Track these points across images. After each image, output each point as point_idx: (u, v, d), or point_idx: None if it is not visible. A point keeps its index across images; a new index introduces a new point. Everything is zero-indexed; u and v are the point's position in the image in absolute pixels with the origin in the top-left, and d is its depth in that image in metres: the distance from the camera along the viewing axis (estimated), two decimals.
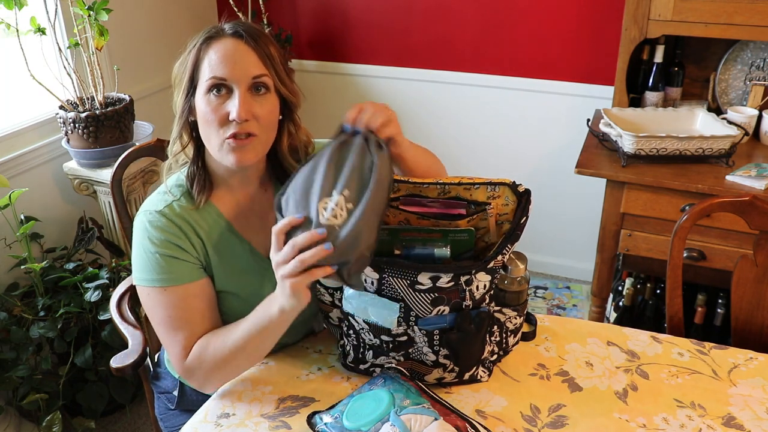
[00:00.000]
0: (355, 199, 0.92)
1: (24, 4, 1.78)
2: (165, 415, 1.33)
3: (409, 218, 1.08)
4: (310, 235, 0.89)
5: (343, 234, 0.90)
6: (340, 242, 0.89)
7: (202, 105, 1.03)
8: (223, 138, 1.03)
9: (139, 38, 2.44)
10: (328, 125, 3.13)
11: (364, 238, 0.91)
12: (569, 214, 2.71)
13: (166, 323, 1.06)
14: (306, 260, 0.89)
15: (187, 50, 1.05)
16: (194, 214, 1.10)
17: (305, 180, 0.95)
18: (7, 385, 1.82)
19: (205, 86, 1.02)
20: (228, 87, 1.02)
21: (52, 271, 1.93)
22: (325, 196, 0.92)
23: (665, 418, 1.03)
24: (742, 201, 1.30)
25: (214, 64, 1.01)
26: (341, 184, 0.93)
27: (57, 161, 2.13)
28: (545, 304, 2.68)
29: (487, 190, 1.08)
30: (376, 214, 0.93)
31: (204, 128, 1.04)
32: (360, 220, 0.90)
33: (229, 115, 1.01)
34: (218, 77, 1.01)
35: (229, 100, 1.02)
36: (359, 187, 0.93)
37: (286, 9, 2.78)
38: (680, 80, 2.13)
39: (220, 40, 1.03)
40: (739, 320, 1.38)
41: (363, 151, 0.97)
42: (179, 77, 1.06)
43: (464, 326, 1.01)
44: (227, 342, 1.03)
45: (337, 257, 0.90)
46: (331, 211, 0.91)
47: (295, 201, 0.94)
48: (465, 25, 2.55)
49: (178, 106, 1.07)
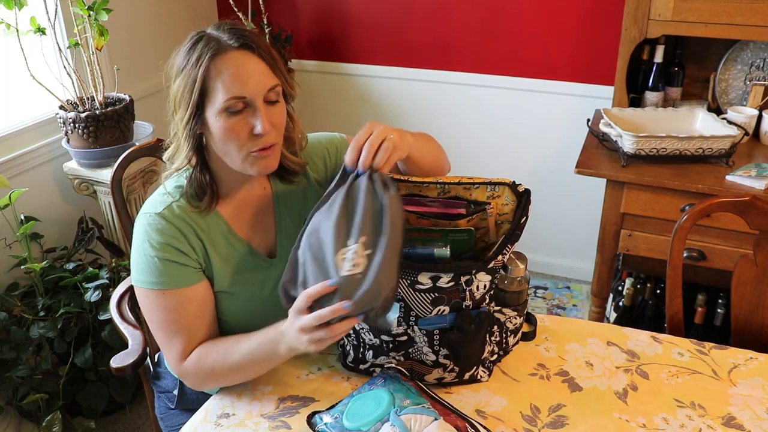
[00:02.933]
0: (372, 244, 0.92)
1: (24, 4, 1.78)
2: (165, 414, 1.33)
3: (409, 218, 1.08)
4: (332, 311, 0.89)
5: (366, 284, 0.89)
6: (363, 292, 0.89)
7: (219, 123, 1.01)
8: (248, 152, 1.03)
9: (139, 38, 2.44)
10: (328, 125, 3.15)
11: (386, 282, 0.90)
12: (569, 214, 2.71)
13: (163, 326, 1.07)
14: (323, 317, 0.90)
15: (188, 66, 1.00)
16: (194, 216, 1.09)
17: (318, 233, 0.95)
18: (7, 385, 1.82)
19: (222, 105, 0.99)
20: (246, 102, 1.01)
21: (52, 271, 1.93)
22: (342, 246, 0.92)
23: (665, 418, 1.03)
24: (742, 201, 1.30)
25: (229, 83, 0.99)
26: (356, 231, 0.92)
27: (57, 161, 2.13)
28: (545, 304, 2.68)
29: (486, 190, 1.08)
30: (394, 255, 0.92)
31: (223, 145, 1.03)
32: (381, 267, 0.90)
33: (253, 130, 1.01)
34: (237, 96, 0.99)
35: (249, 116, 1.01)
36: (374, 231, 0.92)
37: (286, 9, 2.78)
38: (680, 80, 2.13)
39: (227, 56, 0.99)
40: (739, 320, 1.38)
41: (371, 193, 0.95)
42: (181, 96, 1.02)
43: (464, 326, 1.01)
44: (227, 359, 1.05)
45: (362, 307, 0.90)
46: (350, 262, 0.90)
47: (313, 257, 0.93)
48: (465, 25, 2.55)
49: (181, 123, 1.03)
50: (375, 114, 2.85)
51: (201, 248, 1.09)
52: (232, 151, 1.03)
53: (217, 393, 1.11)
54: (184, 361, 1.07)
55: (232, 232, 1.13)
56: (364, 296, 0.89)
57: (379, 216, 0.93)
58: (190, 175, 1.10)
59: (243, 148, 1.02)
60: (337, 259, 0.91)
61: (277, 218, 1.19)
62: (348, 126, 2.92)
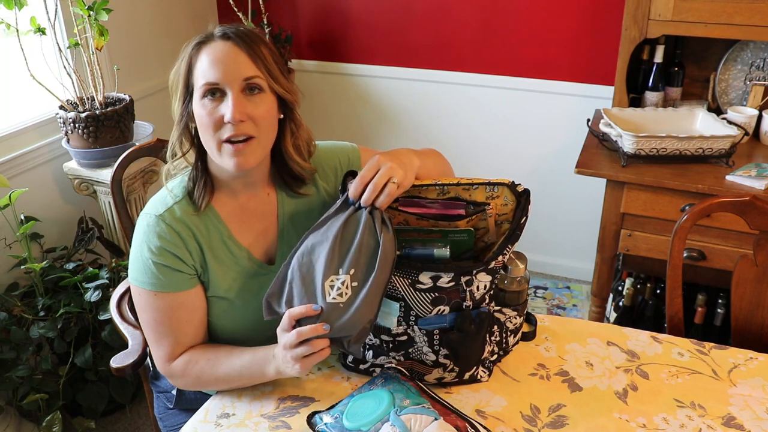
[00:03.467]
0: (360, 279, 0.95)
1: (24, 4, 1.78)
2: (164, 414, 1.33)
3: (409, 219, 1.08)
4: (312, 329, 0.94)
5: (347, 315, 0.94)
6: (343, 322, 0.94)
7: (198, 110, 1.03)
8: (219, 141, 1.03)
9: (139, 38, 2.44)
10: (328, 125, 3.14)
11: (365, 315, 0.95)
12: (569, 214, 2.71)
13: (153, 327, 1.09)
14: (303, 334, 0.94)
15: (180, 57, 1.06)
16: (194, 219, 1.09)
17: (311, 255, 0.98)
18: (7, 385, 1.82)
19: (200, 92, 1.02)
20: (221, 90, 1.02)
21: (52, 271, 1.93)
22: (332, 274, 0.96)
23: (665, 418, 1.03)
24: (742, 201, 1.30)
25: (206, 69, 1.02)
26: (348, 262, 0.96)
27: (57, 161, 2.13)
28: (545, 304, 2.68)
29: (486, 191, 1.08)
30: (378, 291, 0.95)
31: (202, 133, 1.05)
32: (364, 300, 0.94)
33: (224, 118, 1.01)
34: (211, 82, 1.01)
35: (222, 103, 1.02)
36: (365, 266, 0.96)
37: (286, 9, 2.78)
38: (680, 80, 2.13)
39: (209, 45, 1.03)
40: (739, 320, 1.38)
41: (369, 230, 0.97)
42: (175, 84, 1.07)
43: (464, 326, 1.01)
44: (215, 369, 1.07)
45: (339, 333, 0.95)
46: (337, 290, 0.94)
47: (302, 278, 0.97)
48: (465, 25, 2.55)
49: (176, 113, 1.08)
50: (375, 114, 2.85)
51: (198, 253, 1.09)
52: (208, 141, 1.04)
53: (217, 393, 1.11)
54: (171, 363, 1.10)
55: (232, 237, 1.13)
56: (343, 325, 0.94)
57: (373, 252, 0.96)
58: (190, 173, 1.11)
59: (215, 136, 1.03)
60: (325, 285, 0.95)
61: (280, 226, 1.17)
62: (348, 126, 2.92)
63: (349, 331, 0.95)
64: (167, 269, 1.06)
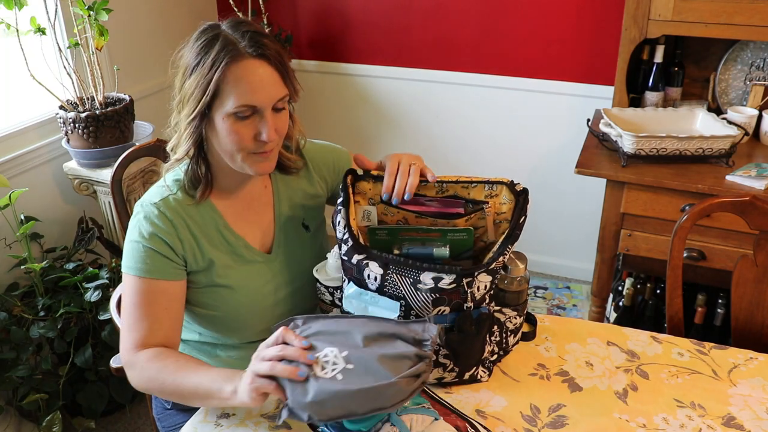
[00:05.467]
0: (352, 379, 0.85)
1: (24, 4, 1.78)
2: (162, 414, 1.33)
3: (408, 217, 1.08)
4: (298, 353, 0.87)
5: (314, 391, 0.85)
6: (310, 397, 0.85)
7: (226, 125, 1.02)
8: (248, 153, 1.05)
9: (139, 38, 2.44)
10: (328, 125, 3.14)
11: (326, 409, 0.85)
12: (569, 214, 2.71)
13: (130, 310, 1.08)
14: (277, 371, 0.87)
15: (202, 66, 1.00)
16: (189, 209, 1.11)
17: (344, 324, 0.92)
18: (7, 385, 1.82)
19: (232, 110, 1.00)
20: (255, 110, 1.02)
21: (52, 271, 1.93)
22: (337, 348, 0.88)
23: (665, 418, 1.03)
24: (742, 201, 1.30)
25: (242, 92, 1.00)
26: (360, 354, 0.87)
27: (57, 161, 2.13)
28: (545, 304, 2.68)
29: (484, 189, 1.08)
30: (355, 405, 0.85)
31: (225, 145, 1.04)
32: (338, 393, 0.84)
33: (258, 136, 1.03)
34: (249, 105, 1.01)
35: (257, 122, 1.03)
36: (365, 372, 0.86)
37: (286, 9, 2.78)
38: (680, 80, 2.13)
39: (243, 63, 0.99)
40: (739, 320, 1.38)
41: (402, 363, 0.87)
42: (191, 94, 1.02)
43: (465, 327, 1.01)
44: (176, 382, 1.01)
45: (297, 397, 0.86)
46: (327, 365, 0.87)
47: (325, 328, 0.91)
48: (465, 25, 2.55)
49: (186, 119, 1.04)
50: (375, 114, 2.85)
51: (191, 242, 1.10)
52: (233, 152, 1.05)
53: None
54: (138, 351, 1.06)
55: (228, 226, 1.14)
56: (312, 401, 0.85)
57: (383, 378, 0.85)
58: (186, 167, 1.12)
59: (244, 149, 1.04)
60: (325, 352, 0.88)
61: (276, 216, 1.21)
62: (348, 126, 2.92)
63: (305, 407, 0.85)
64: (155, 254, 1.07)
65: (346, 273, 1.05)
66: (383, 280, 0.99)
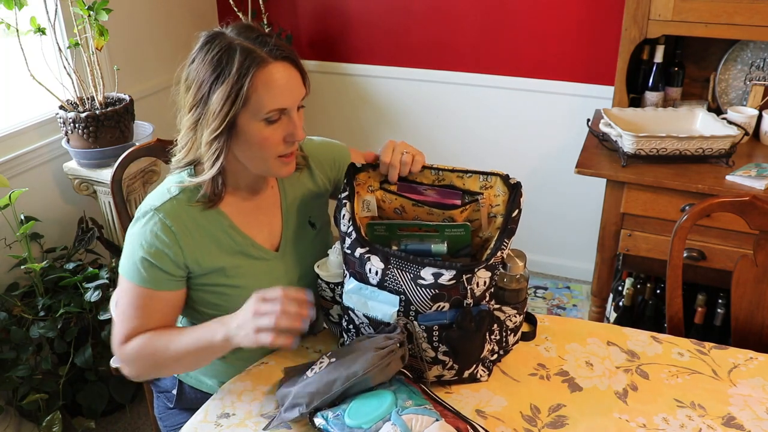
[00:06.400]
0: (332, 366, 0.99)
1: (24, 4, 1.78)
2: (164, 414, 1.33)
3: (405, 204, 1.09)
4: (301, 297, 0.97)
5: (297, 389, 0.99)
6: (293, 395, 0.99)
7: (256, 132, 1.03)
8: (276, 156, 1.06)
9: (139, 38, 2.44)
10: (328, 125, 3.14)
11: (310, 392, 0.98)
12: (569, 214, 2.71)
13: (125, 311, 1.09)
14: (280, 323, 0.95)
15: (226, 77, 0.99)
16: (194, 213, 1.10)
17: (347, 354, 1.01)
18: (7, 385, 1.82)
19: (265, 115, 1.01)
20: (283, 112, 1.04)
21: (52, 271, 1.93)
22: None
23: (665, 418, 1.03)
24: (742, 201, 1.30)
25: (274, 95, 1.01)
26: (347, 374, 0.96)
27: (57, 161, 2.13)
28: (545, 304, 2.68)
29: (479, 180, 1.10)
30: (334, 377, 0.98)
31: (254, 151, 1.05)
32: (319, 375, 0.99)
33: (289, 137, 1.05)
34: (282, 108, 1.02)
35: (285, 124, 1.05)
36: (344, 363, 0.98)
37: (286, 9, 2.78)
38: (680, 80, 2.13)
39: (269, 67, 1.00)
40: (739, 320, 1.38)
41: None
42: (220, 109, 0.99)
43: (465, 324, 1.01)
44: (168, 349, 1.05)
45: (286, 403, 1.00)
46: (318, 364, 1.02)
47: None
48: (465, 25, 2.55)
49: (211, 135, 1.02)
50: (375, 114, 2.85)
51: (194, 246, 1.09)
52: (265, 157, 1.06)
53: (217, 393, 1.11)
54: (125, 344, 1.08)
55: (234, 226, 1.14)
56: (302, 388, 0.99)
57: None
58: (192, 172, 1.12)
59: (275, 153, 1.06)
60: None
61: (283, 214, 1.21)
62: (348, 126, 2.92)
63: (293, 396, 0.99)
64: (153, 267, 1.07)
65: (348, 267, 1.05)
66: (384, 274, 0.99)
